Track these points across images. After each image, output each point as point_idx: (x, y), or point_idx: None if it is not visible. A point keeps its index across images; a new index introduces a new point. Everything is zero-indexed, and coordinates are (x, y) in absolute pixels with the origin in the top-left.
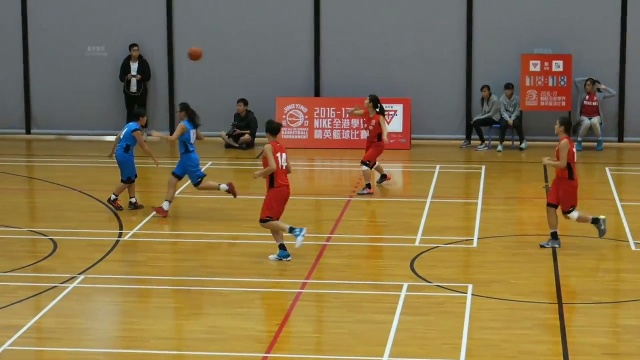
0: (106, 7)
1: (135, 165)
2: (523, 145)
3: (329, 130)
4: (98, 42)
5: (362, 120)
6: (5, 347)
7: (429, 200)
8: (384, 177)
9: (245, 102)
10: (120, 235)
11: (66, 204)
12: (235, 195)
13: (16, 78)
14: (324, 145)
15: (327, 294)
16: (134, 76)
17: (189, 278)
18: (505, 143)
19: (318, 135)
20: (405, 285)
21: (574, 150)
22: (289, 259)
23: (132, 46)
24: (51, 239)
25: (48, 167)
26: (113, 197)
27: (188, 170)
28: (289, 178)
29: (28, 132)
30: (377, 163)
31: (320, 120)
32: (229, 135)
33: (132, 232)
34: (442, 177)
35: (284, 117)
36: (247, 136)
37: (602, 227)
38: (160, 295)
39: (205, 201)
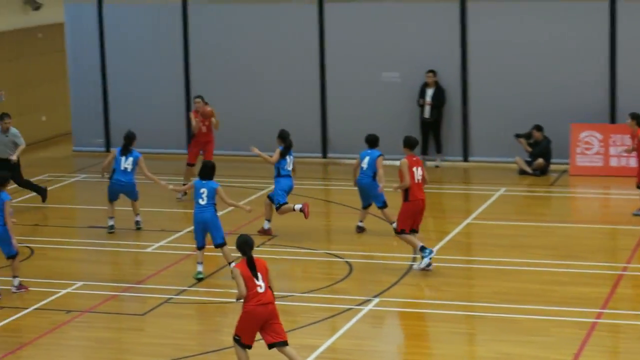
0: (401, 34)
1: None
2: None
3: (625, 158)
4: (392, 68)
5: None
6: None
7: None
8: None
9: (539, 127)
10: (414, 259)
11: None
12: (306, 216)
13: (313, 103)
14: (619, 172)
15: (624, 324)
16: (427, 103)
17: (480, 304)
18: None
19: (613, 162)
20: None
21: None
22: (433, 254)
23: (428, 72)
24: (347, 262)
25: (344, 191)
26: None
27: (274, 192)
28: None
29: (324, 155)
30: None
31: (616, 147)
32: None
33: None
34: None
35: (579, 142)
36: (540, 160)
37: None
38: (452, 320)
39: (497, 227)
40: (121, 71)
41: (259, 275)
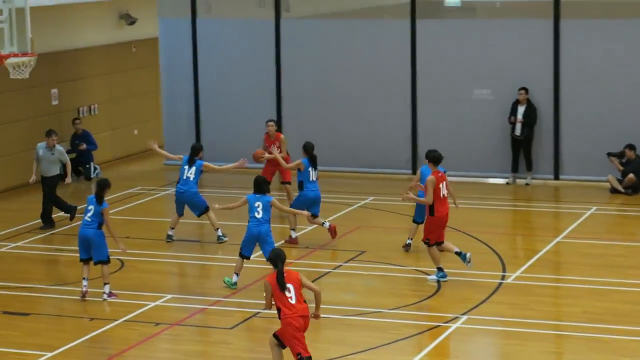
0: (494, 52)
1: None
2: None
3: None
4: (484, 85)
5: None
6: None
7: None
8: None
9: (632, 146)
10: (503, 277)
11: None
12: (333, 236)
13: (404, 119)
14: None
15: None
16: (518, 120)
17: (570, 323)
18: None
19: None
20: None
21: None
22: (446, 279)
23: (520, 89)
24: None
25: None
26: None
27: (293, 204)
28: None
29: (414, 172)
30: None
31: None
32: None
33: (514, 275)
34: None
35: None
36: (631, 176)
37: None
38: (541, 339)
39: (587, 246)
40: (213, 86)
41: (290, 286)
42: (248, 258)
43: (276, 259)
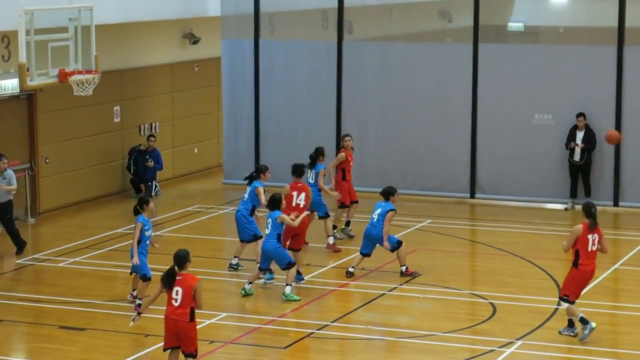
0: (555, 77)
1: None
2: None
3: None
4: (545, 110)
5: None
6: None
7: None
8: None
9: None
10: (559, 303)
11: (507, 269)
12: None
13: (464, 143)
14: None
15: None
16: (577, 145)
17: (628, 351)
18: None
19: None
20: None
21: None
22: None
23: (578, 116)
24: (490, 303)
25: (491, 232)
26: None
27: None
28: None
29: (472, 196)
30: None
31: None
32: None
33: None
34: None
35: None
36: None
37: None
38: None
39: None
40: (274, 106)
41: (178, 289)
42: (261, 270)
43: (175, 258)
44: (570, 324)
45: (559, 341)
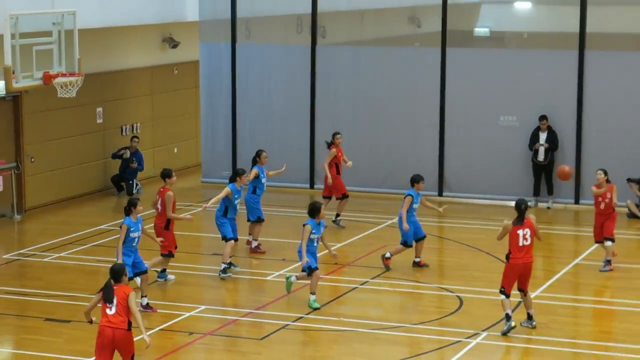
0: (519, 80)
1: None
2: None
3: None
4: (510, 112)
5: None
6: None
7: None
8: None
9: None
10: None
11: (473, 264)
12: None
13: (432, 143)
14: None
15: None
16: (541, 145)
17: (587, 341)
18: None
19: None
20: None
21: None
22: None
23: (541, 118)
24: (457, 296)
25: (458, 228)
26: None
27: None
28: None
29: (440, 194)
30: None
31: None
32: None
33: (534, 294)
34: None
35: None
36: None
37: None
38: (558, 356)
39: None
40: (250, 107)
41: (114, 299)
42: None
43: (111, 272)
44: (529, 316)
45: (523, 332)
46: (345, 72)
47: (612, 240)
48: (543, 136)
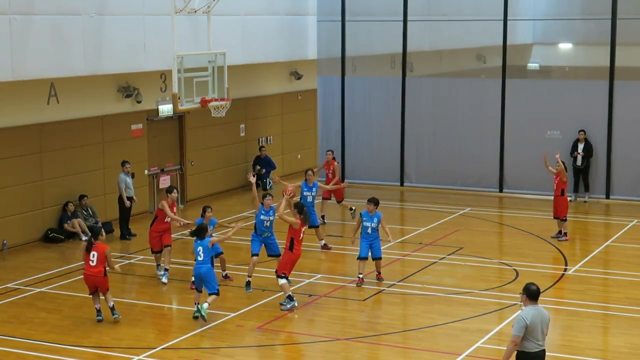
0: (562, 103)
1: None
2: None
3: None
4: (555, 127)
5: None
6: (477, 345)
7: None
8: None
9: None
10: (565, 270)
11: (526, 244)
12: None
13: (494, 151)
14: None
15: None
16: (579, 153)
17: (616, 305)
18: None
19: None
20: None
21: None
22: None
23: (579, 131)
24: (514, 269)
25: (514, 217)
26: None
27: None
28: None
29: (500, 190)
30: None
31: None
32: None
33: (574, 268)
34: None
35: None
36: None
37: None
38: (593, 316)
39: (631, 249)
40: (355, 125)
41: (94, 253)
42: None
43: (90, 230)
44: (290, 297)
45: (565, 297)
46: (428, 98)
47: None
48: (581, 146)
